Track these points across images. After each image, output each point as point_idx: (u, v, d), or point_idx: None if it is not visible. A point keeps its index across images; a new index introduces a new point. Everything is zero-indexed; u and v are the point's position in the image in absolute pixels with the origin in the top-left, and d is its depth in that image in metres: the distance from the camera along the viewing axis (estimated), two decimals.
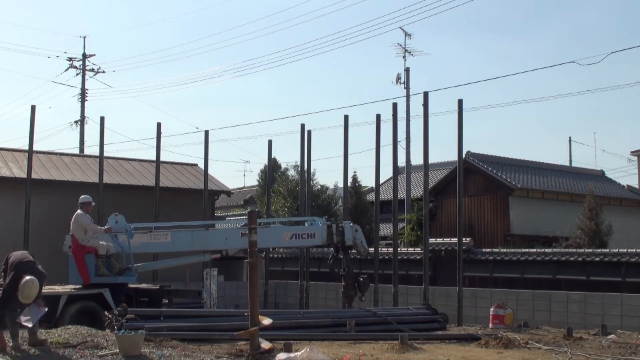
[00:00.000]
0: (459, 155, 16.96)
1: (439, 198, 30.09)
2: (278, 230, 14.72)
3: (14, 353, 8.16)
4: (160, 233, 14.28)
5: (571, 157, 48.44)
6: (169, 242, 14.21)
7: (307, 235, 14.43)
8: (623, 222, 27.15)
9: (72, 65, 39.39)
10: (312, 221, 14.80)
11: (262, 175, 36.92)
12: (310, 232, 14.44)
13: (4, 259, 8.92)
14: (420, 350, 10.19)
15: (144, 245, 14.09)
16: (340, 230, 14.48)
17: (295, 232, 14.57)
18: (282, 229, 14.86)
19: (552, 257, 17.92)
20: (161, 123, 19.73)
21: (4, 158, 20.58)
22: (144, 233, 14.14)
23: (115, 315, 10.63)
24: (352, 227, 14.66)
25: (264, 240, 13.96)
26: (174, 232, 14.42)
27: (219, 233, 14.79)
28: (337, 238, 14.42)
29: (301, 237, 14.47)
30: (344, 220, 18.76)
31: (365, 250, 14.91)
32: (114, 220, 13.76)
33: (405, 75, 31.90)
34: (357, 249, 14.73)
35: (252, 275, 9.34)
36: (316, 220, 14.79)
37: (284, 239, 14.59)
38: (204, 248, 14.76)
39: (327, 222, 14.84)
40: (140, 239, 13.98)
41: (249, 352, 8.96)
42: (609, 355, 10.10)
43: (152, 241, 14.12)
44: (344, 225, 14.65)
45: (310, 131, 19.02)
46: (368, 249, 15.14)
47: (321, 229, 14.45)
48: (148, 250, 14.41)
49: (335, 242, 14.51)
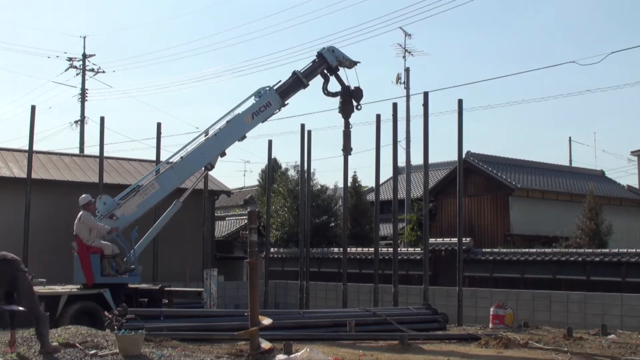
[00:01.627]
0: (459, 155, 16.96)
1: (439, 198, 30.09)
2: (238, 118, 14.69)
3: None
4: (147, 186, 14.30)
5: (571, 157, 48.46)
6: (158, 189, 14.26)
7: (264, 107, 14.68)
8: (623, 222, 27.16)
9: (72, 65, 39.40)
10: (258, 94, 14.84)
11: (262, 175, 36.90)
12: (264, 103, 14.69)
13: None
14: (420, 350, 10.20)
15: (141, 206, 14.13)
16: (321, 57, 15.14)
17: (253, 111, 14.68)
18: (241, 114, 14.77)
19: (552, 257, 17.93)
20: (161, 123, 19.78)
21: (4, 158, 20.58)
22: (133, 196, 14.14)
23: (115, 315, 10.63)
24: (328, 49, 15.19)
25: (233, 133, 14.63)
26: (158, 178, 14.46)
27: (195, 152, 14.64)
28: (323, 65, 15.11)
29: (260, 112, 14.70)
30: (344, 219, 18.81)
31: (351, 62, 15.34)
32: (102, 203, 13.80)
33: (405, 75, 31.87)
34: (344, 65, 15.29)
35: (252, 275, 9.34)
36: (260, 90, 14.85)
37: (247, 122, 14.71)
38: (189, 175, 14.90)
39: (270, 86, 14.99)
40: (135, 203, 14.02)
41: (249, 352, 8.96)
42: (609, 355, 10.10)
43: (145, 198, 14.15)
44: (322, 52, 15.21)
45: (310, 131, 19.04)
46: (352, 60, 15.50)
47: (271, 94, 14.73)
48: (147, 207, 14.35)
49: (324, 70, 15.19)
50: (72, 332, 9.46)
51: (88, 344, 8.62)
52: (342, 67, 15.33)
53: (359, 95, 15.24)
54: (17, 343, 8.58)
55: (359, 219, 26.59)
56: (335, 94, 15.36)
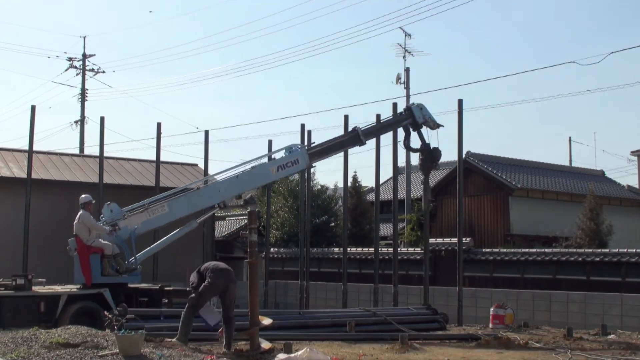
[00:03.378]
0: (459, 155, 16.96)
1: (439, 198, 30.09)
2: (264, 167, 14.81)
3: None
4: (157, 206, 14.28)
5: (571, 157, 48.48)
6: (167, 212, 14.22)
7: (292, 163, 14.72)
8: (623, 222, 27.15)
9: (72, 65, 39.41)
10: (289, 149, 14.91)
11: None
12: (292, 160, 14.71)
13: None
14: (420, 350, 10.20)
15: (145, 224, 14.06)
16: (409, 111, 15.51)
17: (280, 164, 14.73)
18: (267, 164, 14.91)
19: (552, 257, 17.92)
20: (161, 123, 19.76)
21: (4, 158, 20.57)
22: (141, 212, 14.13)
23: (115, 315, 10.63)
24: (417, 106, 15.53)
25: (254, 180, 14.78)
26: (170, 201, 14.45)
27: (212, 187, 14.77)
28: (408, 119, 15.48)
29: (287, 167, 14.76)
30: (344, 219, 18.81)
31: (435, 124, 15.60)
32: (109, 210, 13.77)
33: (405, 75, 31.86)
34: (428, 125, 15.51)
35: (252, 275, 9.35)
36: (292, 146, 14.94)
37: (272, 174, 14.81)
38: (201, 207, 14.82)
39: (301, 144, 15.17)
40: (140, 219, 13.97)
41: (249, 352, 8.96)
42: (609, 355, 10.10)
43: (151, 217, 14.10)
44: (411, 107, 15.61)
45: (310, 131, 19.02)
46: (437, 122, 15.82)
47: (301, 153, 14.76)
48: (150, 226, 14.34)
49: (407, 125, 15.57)
50: (72, 332, 9.46)
51: (88, 344, 8.61)
52: (426, 126, 15.54)
53: (438, 155, 15.57)
54: (17, 343, 8.59)
55: (359, 219, 26.59)
56: (416, 150, 15.79)
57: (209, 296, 9.52)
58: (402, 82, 31.76)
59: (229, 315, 9.33)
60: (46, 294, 12.64)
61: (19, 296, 12.29)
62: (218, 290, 9.37)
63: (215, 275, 9.28)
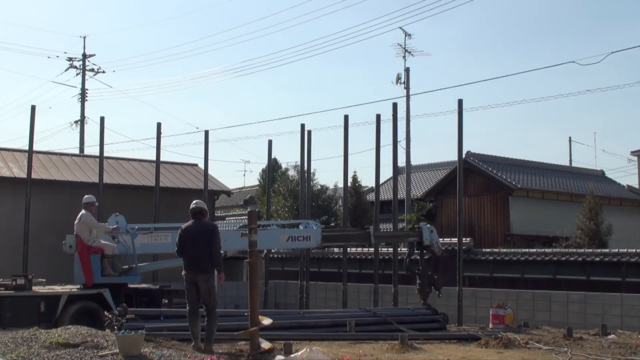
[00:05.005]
0: (459, 155, 16.96)
1: (439, 198, 30.09)
2: (275, 232, 15.10)
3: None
4: (161, 234, 14.33)
5: (571, 157, 48.48)
6: (169, 242, 14.23)
7: (303, 238, 14.80)
8: (623, 222, 27.15)
9: (72, 65, 39.39)
10: (306, 224, 15.14)
11: (262, 175, 36.92)
12: (305, 235, 14.79)
13: None
14: (420, 350, 10.20)
15: (144, 246, 14.17)
16: (419, 230, 15.35)
17: (292, 235, 14.90)
18: (279, 231, 15.21)
19: (552, 257, 17.91)
20: (161, 123, 19.73)
21: (4, 158, 20.56)
22: (144, 234, 14.19)
23: (115, 315, 10.63)
24: (428, 228, 15.37)
25: (262, 242, 14.24)
26: (174, 233, 14.43)
27: None
28: (416, 237, 15.34)
29: (297, 240, 14.86)
30: (344, 219, 18.81)
31: (440, 250, 15.47)
32: (115, 221, 13.80)
33: (405, 75, 31.85)
34: (432, 249, 15.31)
35: (252, 275, 9.34)
36: (310, 223, 15.16)
37: (281, 241, 14.96)
38: None
39: (317, 224, 15.26)
40: (141, 240, 14.07)
41: (249, 352, 8.96)
42: (609, 355, 10.11)
43: (152, 242, 14.20)
44: (422, 227, 15.41)
45: (310, 131, 19.04)
46: (442, 248, 15.78)
47: (315, 232, 14.79)
48: (148, 250, 14.48)
49: (414, 243, 15.49)
50: (72, 332, 9.46)
51: (88, 344, 8.62)
52: (430, 250, 15.27)
53: (439, 285, 15.14)
54: (17, 343, 8.59)
55: (359, 219, 26.57)
56: (416, 273, 15.43)
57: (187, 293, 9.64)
58: (402, 82, 31.76)
59: (206, 304, 9.44)
60: (46, 294, 12.64)
61: (19, 296, 12.30)
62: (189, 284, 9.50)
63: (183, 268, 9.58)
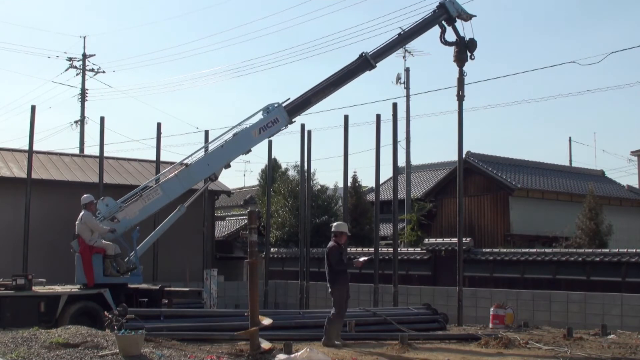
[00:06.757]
0: (459, 155, 16.96)
1: (439, 198, 30.09)
2: (246, 132, 14.79)
3: None
4: (151, 191, 14.34)
5: (571, 157, 48.56)
6: (162, 195, 14.31)
7: (272, 122, 14.77)
8: (623, 222, 27.16)
9: (72, 65, 39.45)
10: (267, 110, 14.89)
11: (262, 175, 36.89)
12: (272, 119, 14.76)
13: None
14: (420, 350, 10.20)
15: (143, 211, 14.16)
16: (443, 7, 15.62)
17: (261, 126, 14.75)
18: (249, 128, 14.85)
19: (552, 257, 17.92)
20: (161, 123, 19.79)
21: (4, 158, 20.57)
22: (136, 200, 14.18)
23: (115, 315, 10.63)
24: (450, 1, 15.64)
25: (239, 146, 14.76)
26: (162, 184, 14.52)
27: (200, 162, 14.74)
28: (443, 15, 15.65)
29: (268, 127, 14.80)
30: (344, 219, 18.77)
31: (468, 15, 15.89)
32: (104, 205, 13.82)
33: (405, 75, 31.89)
34: (462, 17, 15.84)
35: (252, 275, 9.34)
36: (269, 106, 14.90)
37: (255, 137, 14.81)
38: (193, 183, 14.97)
39: (278, 103, 15.02)
40: (137, 207, 14.06)
41: (249, 352, 8.96)
42: (609, 355, 10.10)
43: (147, 203, 14.18)
44: (444, 3, 15.64)
45: (310, 131, 19.04)
46: (469, 13, 16.04)
47: (279, 110, 14.78)
48: (149, 212, 14.43)
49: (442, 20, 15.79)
50: (72, 332, 9.47)
51: (88, 344, 8.62)
52: (460, 19, 15.86)
53: (474, 46, 15.97)
54: (17, 343, 8.59)
55: (359, 219, 26.56)
56: (452, 44, 16.12)
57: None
58: (402, 82, 31.80)
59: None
60: (46, 294, 12.65)
61: (19, 296, 12.30)
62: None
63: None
